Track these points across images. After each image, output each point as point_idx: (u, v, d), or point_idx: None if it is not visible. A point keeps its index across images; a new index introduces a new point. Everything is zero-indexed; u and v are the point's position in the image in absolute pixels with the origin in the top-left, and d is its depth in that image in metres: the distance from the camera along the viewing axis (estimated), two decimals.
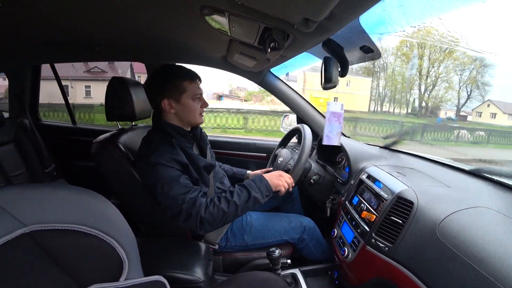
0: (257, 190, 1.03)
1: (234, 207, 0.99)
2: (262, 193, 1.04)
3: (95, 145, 1.11)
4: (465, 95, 18.30)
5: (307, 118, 1.69)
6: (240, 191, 1.02)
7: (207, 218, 0.95)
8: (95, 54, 1.46)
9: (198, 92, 1.08)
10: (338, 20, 0.61)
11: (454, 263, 0.61)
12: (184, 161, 1.02)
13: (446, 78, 19.23)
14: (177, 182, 0.97)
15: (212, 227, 0.98)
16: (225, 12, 0.69)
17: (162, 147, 1.00)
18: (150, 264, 0.90)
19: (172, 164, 0.99)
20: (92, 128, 2.16)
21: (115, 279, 0.51)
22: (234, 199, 0.99)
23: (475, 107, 16.80)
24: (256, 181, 1.05)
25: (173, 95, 1.05)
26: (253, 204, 1.02)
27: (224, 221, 0.99)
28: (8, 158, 1.62)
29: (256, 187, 1.03)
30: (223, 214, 0.97)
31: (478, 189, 0.92)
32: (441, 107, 19.38)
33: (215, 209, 0.96)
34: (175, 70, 1.07)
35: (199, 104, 1.10)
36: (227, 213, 0.97)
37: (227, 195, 1.01)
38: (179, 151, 1.03)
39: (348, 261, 0.99)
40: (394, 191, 0.90)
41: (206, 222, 0.95)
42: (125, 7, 0.80)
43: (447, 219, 0.71)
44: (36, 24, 0.98)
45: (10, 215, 0.42)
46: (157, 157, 0.97)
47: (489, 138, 9.69)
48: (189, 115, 1.09)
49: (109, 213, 0.54)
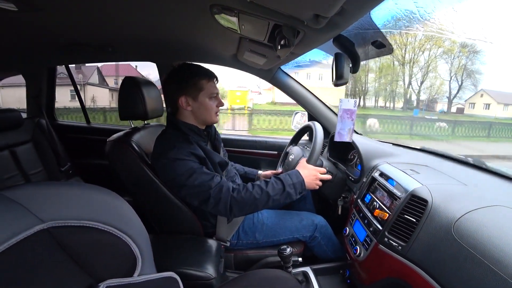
0: (292, 186, 1.04)
1: (266, 197, 1.00)
2: (296, 190, 1.05)
3: (109, 143, 1.13)
4: (459, 88, 17.21)
5: (318, 115, 1.67)
6: (276, 183, 1.03)
7: (237, 202, 0.98)
8: (108, 55, 1.49)
9: (215, 91, 1.10)
10: (349, 16, 0.60)
11: (471, 263, 0.60)
12: (201, 155, 1.05)
13: (432, 67, 18.23)
14: (199, 171, 0.99)
15: (241, 212, 1.01)
16: (234, 11, 0.69)
17: (179, 143, 1.03)
18: (163, 260, 0.92)
19: (191, 158, 1.01)
20: (106, 127, 2.21)
21: (129, 274, 0.52)
22: (267, 189, 1.01)
23: (468, 98, 15.92)
24: (292, 177, 1.06)
25: (190, 93, 1.07)
26: (285, 198, 1.04)
27: (254, 208, 1.01)
28: (27, 157, 1.68)
29: (292, 183, 1.04)
30: (253, 201, 0.99)
31: (496, 188, 0.89)
32: (437, 99, 18.32)
33: (247, 194, 0.99)
34: (193, 69, 1.08)
35: (215, 103, 1.11)
36: (258, 200, 0.99)
37: (261, 184, 1.02)
38: (196, 146, 1.06)
39: (360, 260, 0.98)
40: (407, 189, 0.88)
41: (235, 206, 0.98)
42: (136, 8, 0.82)
43: (463, 218, 0.69)
44: (52, 27, 1.01)
45: (29, 211, 0.43)
46: (176, 153, 0.99)
47: (454, 130, 9.34)
48: (205, 114, 1.11)
49: (122, 210, 0.55)
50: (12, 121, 1.60)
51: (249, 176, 1.50)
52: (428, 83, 18.56)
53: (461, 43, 16.73)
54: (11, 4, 0.75)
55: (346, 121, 1.15)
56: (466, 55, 17.17)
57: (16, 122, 1.62)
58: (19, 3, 0.75)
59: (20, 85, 2.17)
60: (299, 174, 1.08)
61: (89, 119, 2.26)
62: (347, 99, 1.15)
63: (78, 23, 0.97)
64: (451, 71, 17.69)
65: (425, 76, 18.44)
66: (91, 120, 2.27)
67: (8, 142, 1.59)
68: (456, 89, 17.15)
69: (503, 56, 12.96)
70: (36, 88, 2.02)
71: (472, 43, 16.17)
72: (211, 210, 1.01)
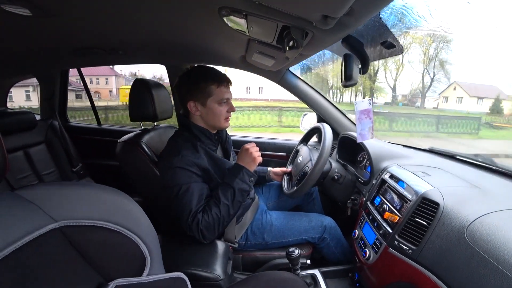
0: (238, 181, 1.02)
1: (226, 208, 0.99)
2: (245, 181, 1.03)
3: (119, 145, 1.15)
4: (431, 80, 16.16)
5: (328, 116, 1.66)
6: (225, 190, 1.02)
7: (205, 229, 0.96)
8: (119, 58, 1.52)
9: (225, 97, 1.08)
10: (358, 16, 0.60)
11: (484, 269, 0.58)
12: (205, 166, 1.04)
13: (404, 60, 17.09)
14: (192, 191, 0.98)
15: (214, 234, 1.00)
16: (243, 12, 0.70)
17: (185, 150, 1.02)
18: (171, 261, 0.93)
19: (193, 169, 1.00)
20: (116, 129, 2.24)
21: (138, 274, 0.53)
22: (222, 200, 0.99)
23: (442, 91, 14.99)
24: (234, 173, 1.04)
25: (199, 98, 1.06)
26: (242, 195, 1.02)
27: (223, 223, 1.00)
28: (40, 157, 1.72)
29: (237, 178, 1.03)
30: (218, 219, 0.98)
31: (510, 190, 0.86)
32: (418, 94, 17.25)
33: (210, 218, 0.97)
34: (203, 73, 1.07)
35: (225, 109, 1.09)
36: (222, 215, 0.98)
37: (214, 199, 1.01)
38: (202, 155, 1.05)
39: (370, 263, 0.96)
40: (418, 192, 0.86)
41: (205, 232, 0.97)
42: (145, 12, 0.83)
43: (477, 221, 0.67)
44: (65, 32, 1.03)
45: (42, 211, 0.44)
46: (179, 161, 0.99)
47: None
48: (214, 119, 1.09)
49: (132, 211, 0.56)
50: (26, 122, 1.65)
51: (260, 174, 1.49)
52: (401, 76, 17.70)
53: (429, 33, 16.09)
54: (26, 10, 0.77)
55: (365, 121, 1.13)
56: (436, 44, 16.23)
57: (30, 124, 1.67)
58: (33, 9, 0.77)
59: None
60: (238, 165, 1.06)
61: (100, 121, 2.30)
62: (361, 100, 1.13)
63: (90, 28, 0.99)
64: (424, 63, 16.88)
65: (399, 70, 17.60)
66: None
67: (22, 143, 1.64)
68: (435, 83, 16.25)
69: (472, 46, 11.79)
70: (49, 91, 2.07)
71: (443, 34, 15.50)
72: (187, 232, 0.99)
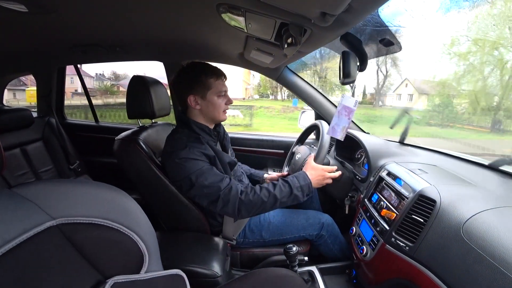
0: (300, 188, 1.04)
1: (274, 200, 1.01)
2: (303, 192, 1.05)
3: (117, 142, 1.15)
4: (384, 77, 15.54)
5: (326, 114, 1.66)
6: (283, 186, 1.04)
7: (245, 204, 0.99)
8: (117, 55, 1.51)
9: (223, 89, 1.11)
10: (357, 13, 0.59)
11: (480, 265, 0.59)
12: (212, 155, 1.06)
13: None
14: (209, 172, 1.00)
15: (249, 214, 1.02)
16: (241, 9, 0.69)
17: (191, 143, 1.04)
18: (170, 258, 0.93)
19: (202, 158, 1.02)
20: (114, 126, 2.24)
21: (136, 271, 0.53)
22: (275, 191, 1.01)
23: (395, 89, 14.33)
24: (300, 179, 1.06)
25: (199, 92, 1.08)
26: (292, 201, 1.04)
27: (262, 210, 1.02)
28: (37, 155, 1.71)
29: (299, 185, 1.04)
30: (261, 203, 1.00)
31: (506, 188, 0.87)
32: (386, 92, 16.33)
33: (255, 197, 0.99)
34: (201, 67, 1.09)
35: (223, 101, 1.12)
36: (266, 203, 1.00)
37: (269, 187, 1.03)
38: (207, 146, 1.07)
39: (367, 260, 0.97)
40: (415, 189, 0.87)
41: (243, 207, 0.99)
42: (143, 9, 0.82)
43: (473, 218, 0.68)
44: (61, 29, 1.02)
45: (39, 208, 0.44)
46: (187, 153, 1.00)
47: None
48: (214, 112, 1.11)
49: (130, 208, 0.56)
50: (23, 120, 1.63)
51: (255, 178, 1.49)
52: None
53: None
54: (21, 6, 0.76)
55: (343, 118, 1.12)
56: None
57: (27, 121, 1.66)
58: (30, 5, 0.76)
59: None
60: (307, 176, 1.07)
61: (97, 118, 2.29)
62: (349, 96, 1.12)
63: (87, 24, 0.98)
64: (377, 60, 16.56)
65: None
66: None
67: (19, 140, 1.62)
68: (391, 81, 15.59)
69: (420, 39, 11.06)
70: (46, 88, 2.05)
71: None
72: (219, 211, 1.02)
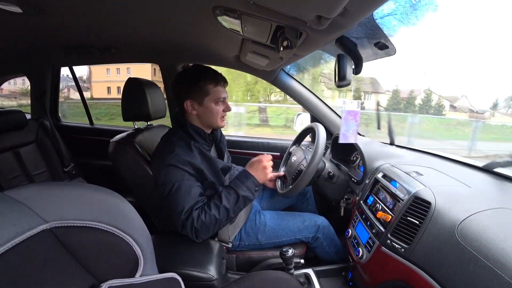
0: (245, 188, 1.02)
1: (225, 212, 0.98)
2: (251, 190, 1.03)
3: (112, 144, 1.14)
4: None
5: (321, 116, 1.67)
6: (228, 194, 1.01)
7: (200, 228, 0.95)
8: (112, 57, 1.50)
9: (222, 96, 1.08)
10: (352, 17, 0.60)
11: (474, 266, 0.59)
12: (198, 166, 1.02)
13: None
14: (184, 189, 0.97)
15: (207, 235, 0.98)
16: (237, 12, 0.70)
17: (179, 148, 1.01)
18: (165, 261, 0.92)
19: (186, 167, 0.99)
20: (109, 128, 2.22)
21: (131, 275, 0.52)
22: (223, 203, 0.98)
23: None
24: (241, 179, 1.04)
25: (196, 97, 1.05)
26: (244, 203, 1.02)
27: (218, 226, 0.99)
28: (30, 157, 1.69)
29: (243, 185, 1.02)
30: (215, 221, 0.97)
31: (500, 190, 0.88)
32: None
33: (207, 217, 0.96)
34: (200, 72, 1.06)
35: (221, 108, 1.09)
36: (220, 218, 0.97)
37: (216, 201, 1.00)
38: (195, 154, 1.04)
39: (363, 262, 0.97)
40: (410, 191, 0.87)
41: (200, 231, 0.95)
42: (139, 11, 0.82)
43: (467, 220, 0.68)
44: (56, 30, 1.01)
45: (32, 211, 0.43)
46: (172, 159, 0.98)
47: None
48: (211, 118, 1.09)
49: (125, 211, 0.55)
50: (16, 122, 1.61)
51: None
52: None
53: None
54: (16, 7, 0.75)
55: (350, 122, 1.14)
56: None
57: (20, 123, 1.64)
58: (23, 6, 0.76)
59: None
60: (247, 173, 1.06)
61: (92, 120, 2.27)
62: (350, 101, 1.14)
63: (82, 25, 0.98)
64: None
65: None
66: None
67: (12, 143, 1.60)
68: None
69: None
70: (40, 90, 2.03)
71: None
72: (179, 231, 0.97)
